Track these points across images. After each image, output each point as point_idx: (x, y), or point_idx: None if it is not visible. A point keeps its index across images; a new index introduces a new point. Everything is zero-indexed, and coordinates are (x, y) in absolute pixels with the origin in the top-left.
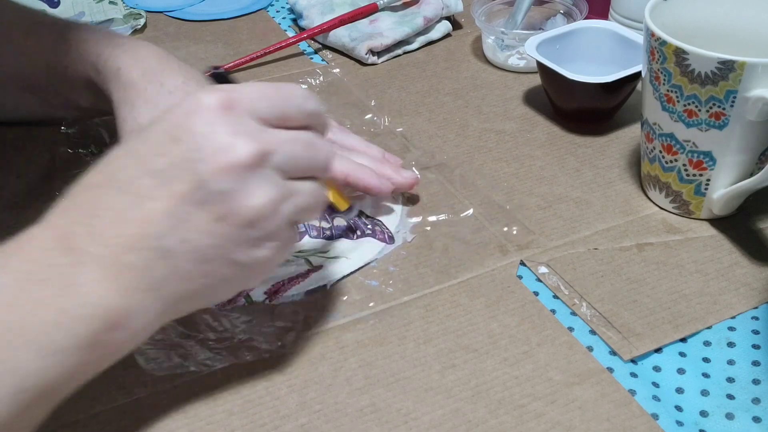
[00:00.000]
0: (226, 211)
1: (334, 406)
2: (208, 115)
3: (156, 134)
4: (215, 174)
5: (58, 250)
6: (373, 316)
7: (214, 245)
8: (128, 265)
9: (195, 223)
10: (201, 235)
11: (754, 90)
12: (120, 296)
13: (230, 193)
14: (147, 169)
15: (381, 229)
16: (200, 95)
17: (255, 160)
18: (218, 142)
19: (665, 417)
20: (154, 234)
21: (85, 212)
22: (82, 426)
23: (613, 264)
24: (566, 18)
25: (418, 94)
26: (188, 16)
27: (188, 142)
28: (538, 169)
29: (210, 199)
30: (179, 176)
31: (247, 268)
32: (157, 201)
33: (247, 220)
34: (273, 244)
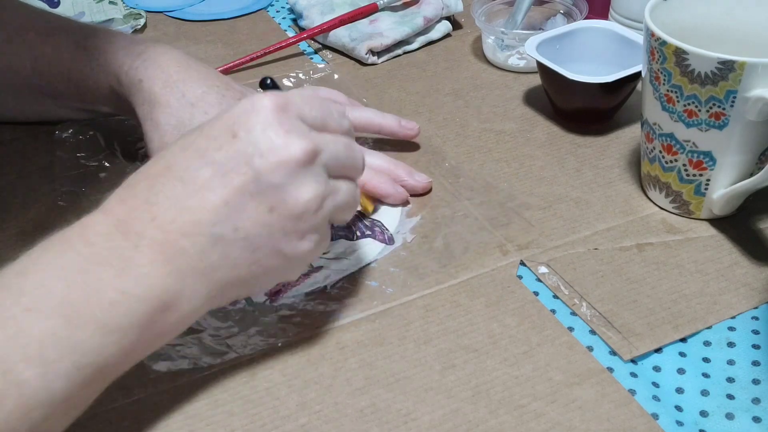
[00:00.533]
0: (277, 202)
1: (334, 407)
2: (265, 114)
3: (215, 130)
4: (270, 168)
5: (117, 234)
6: (373, 317)
7: (263, 235)
8: (183, 250)
9: (248, 213)
10: (253, 225)
11: (754, 90)
12: (174, 279)
13: (283, 186)
14: (205, 161)
15: (381, 230)
16: (257, 97)
17: (307, 158)
18: (274, 140)
19: (665, 417)
20: (210, 221)
21: (143, 199)
22: (83, 426)
23: (613, 264)
24: (566, 18)
25: (418, 94)
26: (188, 16)
27: (246, 138)
28: (538, 169)
29: (264, 191)
30: (236, 169)
31: (290, 259)
32: (214, 190)
33: (296, 213)
34: (314, 238)
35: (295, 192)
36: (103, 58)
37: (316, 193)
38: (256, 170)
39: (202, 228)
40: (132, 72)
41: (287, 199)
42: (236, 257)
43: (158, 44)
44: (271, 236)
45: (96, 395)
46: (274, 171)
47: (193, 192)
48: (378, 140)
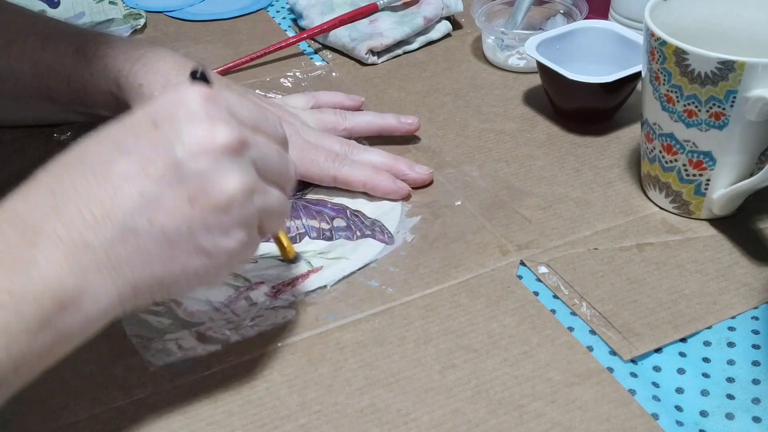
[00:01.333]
0: (199, 192)
1: (334, 407)
2: (190, 104)
3: (135, 120)
4: (192, 155)
5: (12, 230)
6: (373, 317)
7: (182, 228)
8: (87, 244)
9: (166, 203)
10: (170, 216)
11: (754, 90)
12: (74, 275)
13: (205, 174)
14: (121, 151)
15: (381, 230)
16: (183, 87)
17: (233, 146)
18: (198, 126)
19: (665, 417)
20: (120, 212)
21: (47, 191)
22: (82, 426)
23: (613, 264)
24: (566, 18)
25: (418, 94)
26: (188, 16)
27: (168, 127)
28: (538, 169)
29: (184, 180)
30: (155, 158)
31: (212, 258)
32: (129, 181)
33: (220, 204)
34: (240, 236)
35: (219, 181)
36: (102, 63)
37: (243, 184)
38: (176, 159)
39: (112, 219)
40: (131, 77)
41: (210, 189)
42: (150, 253)
43: (157, 48)
44: (191, 230)
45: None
46: (197, 158)
47: (105, 182)
48: (378, 139)
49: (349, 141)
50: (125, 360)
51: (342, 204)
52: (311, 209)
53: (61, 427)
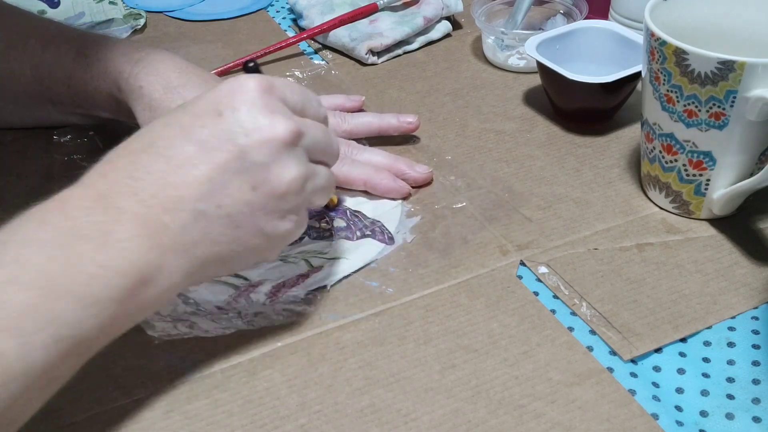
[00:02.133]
0: (261, 181)
1: (334, 407)
2: (250, 94)
3: (199, 108)
4: (255, 146)
5: (97, 208)
6: (373, 317)
7: (246, 213)
8: (164, 225)
9: (231, 190)
10: (235, 203)
11: (754, 90)
12: (154, 254)
13: (267, 165)
14: (189, 137)
15: (381, 230)
16: (242, 78)
17: (291, 138)
18: (259, 119)
19: (665, 417)
20: (192, 197)
21: (125, 174)
22: (82, 426)
23: (613, 264)
24: (566, 18)
25: (418, 94)
26: (188, 16)
27: (231, 116)
28: (538, 169)
29: (248, 170)
30: (221, 146)
31: (270, 239)
32: (197, 167)
33: (279, 192)
34: (294, 218)
35: (278, 171)
36: (103, 66)
37: (299, 174)
38: (241, 148)
39: (185, 204)
40: (132, 79)
41: (271, 178)
42: (217, 234)
43: (158, 50)
44: (253, 215)
45: (75, 370)
46: (259, 149)
47: (177, 168)
48: (378, 140)
49: (350, 142)
50: (125, 360)
51: (342, 204)
52: (311, 210)
53: (61, 427)
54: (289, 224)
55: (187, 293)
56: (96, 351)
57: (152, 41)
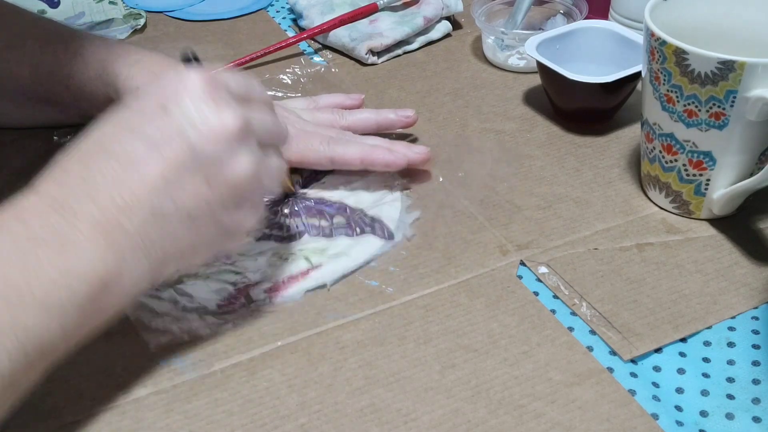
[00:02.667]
0: (215, 175)
1: (334, 406)
2: (195, 88)
3: (145, 106)
4: (206, 141)
5: (53, 213)
6: (373, 316)
7: (203, 207)
8: (121, 227)
9: (186, 186)
10: (192, 198)
11: (754, 90)
12: (114, 257)
13: (219, 159)
14: (137, 135)
15: (381, 226)
16: (185, 72)
17: (242, 129)
18: (206, 112)
19: (665, 417)
20: (149, 196)
21: (78, 178)
22: (82, 426)
23: (613, 264)
24: (566, 18)
25: (418, 94)
26: (188, 16)
27: (178, 112)
28: (538, 169)
29: (201, 165)
30: (171, 143)
31: (227, 231)
32: (151, 165)
33: (234, 185)
34: (251, 209)
35: (232, 164)
36: (101, 67)
37: (253, 165)
38: (192, 143)
39: (142, 204)
40: (129, 80)
41: (225, 171)
42: (177, 231)
43: (154, 53)
44: (211, 209)
45: (38, 377)
46: (210, 144)
47: (129, 168)
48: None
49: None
50: (125, 360)
51: (342, 202)
52: (311, 208)
53: (61, 426)
54: (245, 215)
55: (185, 292)
56: (61, 355)
57: (152, 41)
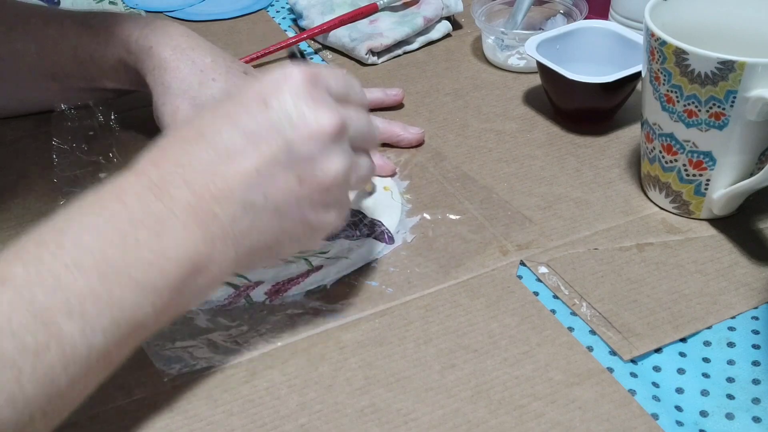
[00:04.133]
0: (307, 174)
1: (334, 407)
2: (296, 85)
3: (246, 98)
4: (302, 139)
5: (150, 196)
6: (373, 317)
7: (292, 204)
8: (215, 215)
9: (278, 182)
10: (282, 194)
11: (754, 90)
12: (206, 243)
13: (313, 158)
14: (237, 128)
15: (381, 230)
16: (288, 68)
17: (337, 131)
18: (305, 111)
19: (665, 417)
20: (242, 188)
21: (176, 163)
22: (83, 426)
23: (613, 264)
24: (566, 18)
25: (418, 94)
26: (188, 16)
27: (278, 108)
28: (538, 169)
29: (294, 162)
30: (269, 138)
31: (314, 228)
32: (246, 158)
33: (324, 185)
34: (338, 209)
35: (324, 165)
36: (110, 32)
37: (344, 167)
38: (288, 140)
39: (234, 195)
40: (142, 40)
41: (317, 171)
42: (265, 225)
43: (167, 19)
44: (299, 206)
45: (128, 353)
46: (306, 142)
47: (225, 158)
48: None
49: None
50: (125, 360)
51: None
52: None
53: (61, 426)
54: (332, 215)
55: None
56: (149, 336)
57: None
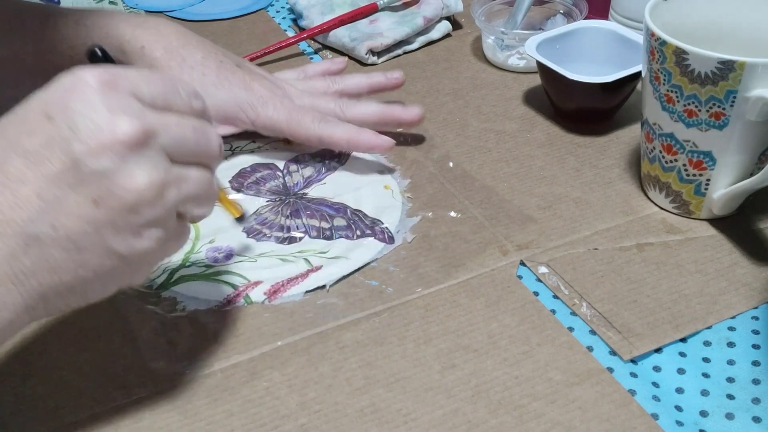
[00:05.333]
0: (102, 193)
1: (334, 406)
2: (87, 91)
3: (28, 113)
4: (91, 153)
5: None
6: (373, 316)
7: (89, 232)
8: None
9: (68, 207)
10: (75, 221)
11: (754, 90)
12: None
13: (108, 173)
14: (16, 149)
15: (381, 229)
16: (79, 72)
17: (137, 139)
18: (96, 119)
19: (665, 417)
20: (21, 219)
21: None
22: (83, 426)
23: (613, 264)
24: (566, 18)
25: (418, 94)
26: (188, 16)
27: (63, 119)
28: (538, 169)
29: (85, 181)
30: (51, 156)
31: (126, 260)
32: (25, 183)
33: (127, 204)
34: (156, 234)
35: (123, 180)
36: (104, 32)
37: (151, 180)
38: (74, 156)
39: (13, 227)
40: (134, 40)
41: (114, 188)
42: (57, 260)
43: (159, 18)
44: (99, 234)
45: None
46: (96, 156)
47: (2, 186)
48: None
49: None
50: (125, 360)
51: (342, 203)
52: (311, 208)
53: (61, 426)
54: (148, 242)
55: (185, 292)
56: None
57: None
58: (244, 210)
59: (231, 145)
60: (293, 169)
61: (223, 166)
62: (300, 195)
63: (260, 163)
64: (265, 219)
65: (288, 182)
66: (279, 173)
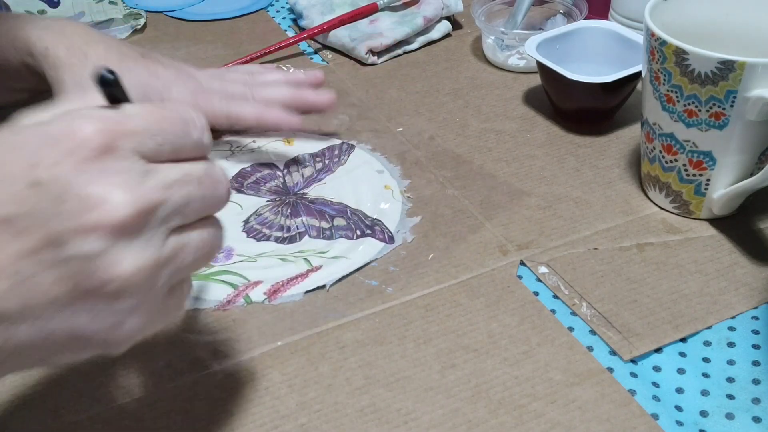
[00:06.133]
0: (82, 278)
1: (334, 406)
2: (83, 154)
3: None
4: (76, 233)
5: None
6: (373, 316)
7: (63, 318)
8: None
9: (42, 287)
10: (48, 303)
11: (754, 90)
12: None
13: (93, 256)
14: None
15: (381, 229)
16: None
17: (130, 221)
18: (88, 193)
19: (665, 417)
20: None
21: None
22: (82, 426)
23: (613, 264)
24: (566, 18)
25: (418, 94)
26: (188, 16)
27: (51, 188)
28: (538, 169)
29: (64, 262)
30: (29, 228)
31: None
32: None
33: (109, 292)
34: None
35: (108, 265)
36: (12, 35)
37: (142, 265)
38: (56, 235)
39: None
40: (39, 42)
41: (97, 273)
42: (25, 345)
43: (65, 19)
44: (75, 318)
45: None
46: (81, 237)
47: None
48: (379, 143)
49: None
50: (125, 360)
51: (342, 203)
52: (311, 208)
53: (61, 426)
54: (135, 322)
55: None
56: None
57: (152, 41)
58: None
59: (231, 145)
60: (293, 169)
61: (223, 166)
62: (300, 195)
63: (260, 163)
64: (265, 219)
65: (288, 182)
66: (279, 173)
